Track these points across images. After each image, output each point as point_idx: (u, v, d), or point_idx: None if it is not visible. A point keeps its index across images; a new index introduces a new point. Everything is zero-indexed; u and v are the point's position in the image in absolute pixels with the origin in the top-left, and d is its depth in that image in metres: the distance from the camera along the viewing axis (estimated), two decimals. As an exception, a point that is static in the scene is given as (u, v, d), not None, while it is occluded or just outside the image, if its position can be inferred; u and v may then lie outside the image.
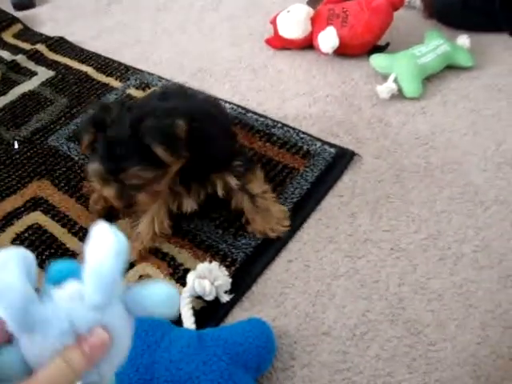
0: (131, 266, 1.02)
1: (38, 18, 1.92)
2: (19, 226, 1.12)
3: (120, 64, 1.59)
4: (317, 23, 1.49)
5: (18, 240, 1.09)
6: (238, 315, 0.92)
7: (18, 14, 1.93)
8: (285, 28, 1.51)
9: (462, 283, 0.95)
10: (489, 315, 0.90)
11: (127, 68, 1.57)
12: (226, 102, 1.36)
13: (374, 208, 1.08)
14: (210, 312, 0.92)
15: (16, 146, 1.33)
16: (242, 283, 0.96)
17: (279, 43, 1.56)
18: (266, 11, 1.73)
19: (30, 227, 1.12)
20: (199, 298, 0.93)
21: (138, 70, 1.55)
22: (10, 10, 1.96)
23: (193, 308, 0.91)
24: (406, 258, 0.99)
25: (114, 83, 1.50)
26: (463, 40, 1.45)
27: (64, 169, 1.25)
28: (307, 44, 1.53)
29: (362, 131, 1.26)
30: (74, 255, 1.05)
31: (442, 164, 1.16)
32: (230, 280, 0.94)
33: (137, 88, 1.47)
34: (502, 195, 1.09)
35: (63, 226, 1.12)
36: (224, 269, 0.95)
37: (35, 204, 1.17)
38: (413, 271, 0.97)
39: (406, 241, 1.02)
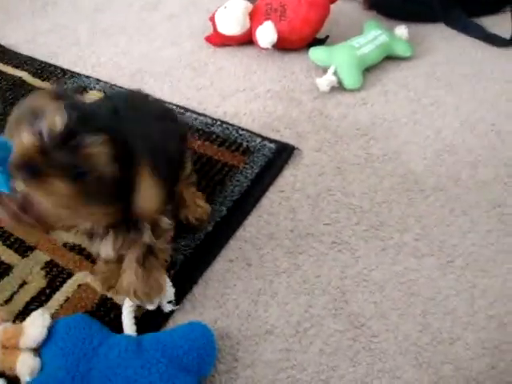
0: (70, 275, 0.98)
1: (-32, 23, 1.84)
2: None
3: (56, 68, 1.54)
4: (255, 18, 1.48)
5: (-51, 256, 1.04)
6: (179, 319, 0.90)
7: None
8: (223, 24, 1.49)
9: (403, 272, 0.95)
10: (430, 302, 0.90)
11: (64, 72, 1.52)
12: (165, 102, 1.33)
13: (314, 202, 1.07)
14: (150, 318, 0.89)
15: None
16: (182, 286, 0.93)
17: (219, 40, 1.54)
18: (205, 9, 1.71)
19: (-40, 241, 1.07)
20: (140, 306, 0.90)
21: (76, 73, 1.51)
22: None
23: (135, 317, 0.88)
24: (348, 251, 0.98)
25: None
26: (401, 30, 1.46)
27: (-2, 178, 1.20)
28: (247, 40, 1.51)
29: (303, 125, 1.25)
30: (9, 268, 1.01)
31: (382, 154, 1.17)
32: (174, 290, 0.90)
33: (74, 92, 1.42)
34: (442, 182, 1.10)
35: (-3, 238, 1.07)
36: (168, 278, 0.91)
37: (-33, 217, 1.12)
38: (355, 264, 0.96)
39: (347, 233, 1.01)
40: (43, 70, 1.54)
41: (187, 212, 1.01)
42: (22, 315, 0.91)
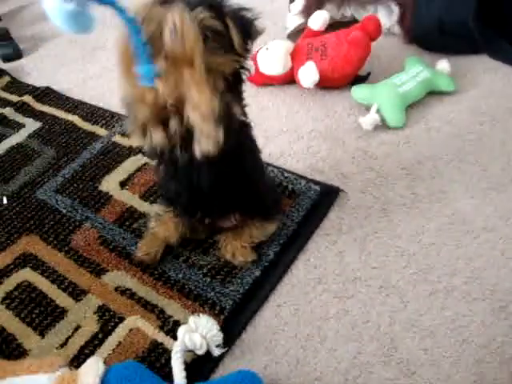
0: (121, 319, 1.01)
1: (24, 69, 1.93)
2: (9, 284, 1.11)
3: (105, 111, 1.60)
4: (296, 58, 1.50)
5: (8, 299, 1.08)
6: (228, 365, 0.91)
7: (5, 66, 1.95)
8: (265, 65, 1.52)
9: (454, 318, 0.93)
10: (483, 350, 0.88)
11: (112, 115, 1.58)
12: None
13: (361, 245, 1.07)
14: (200, 364, 0.91)
15: (5, 201, 1.33)
16: (231, 332, 0.94)
17: (261, 80, 1.57)
18: (247, 48, 1.75)
19: (19, 285, 1.11)
20: (190, 351, 0.92)
21: (123, 115, 1.55)
22: (-3, 62, 1.98)
23: (185, 363, 0.89)
24: (396, 295, 0.98)
25: (100, 131, 1.51)
26: (443, 64, 1.46)
27: (52, 222, 1.25)
28: (289, 79, 1.54)
29: (347, 165, 1.26)
30: (63, 311, 1.04)
31: (428, 194, 1.16)
32: (222, 334, 0.92)
33: (122, 135, 1.47)
34: (491, 222, 1.08)
35: (52, 281, 1.11)
36: (215, 322, 0.93)
37: (24, 260, 1.16)
38: (403, 308, 0.96)
39: (395, 277, 1.01)
40: (93, 113, 1.60)
41: (234, 250, 1.05)
42: (76, 360, 0.94)
